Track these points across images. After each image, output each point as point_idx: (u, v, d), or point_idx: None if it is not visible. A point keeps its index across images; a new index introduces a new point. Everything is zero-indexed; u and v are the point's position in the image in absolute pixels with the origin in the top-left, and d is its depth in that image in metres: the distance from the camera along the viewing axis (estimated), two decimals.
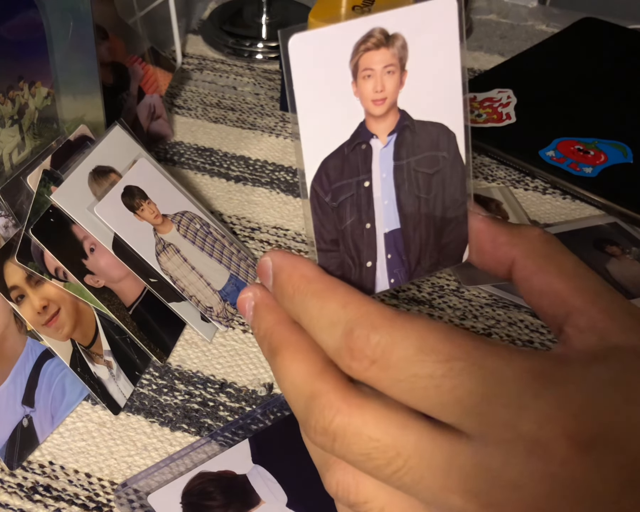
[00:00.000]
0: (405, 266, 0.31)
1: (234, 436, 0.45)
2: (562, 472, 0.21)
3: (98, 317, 0.48)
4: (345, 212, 0.29)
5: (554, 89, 0.75)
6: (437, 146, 0.30)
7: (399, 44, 0.27)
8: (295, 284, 0.26)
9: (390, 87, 0.28)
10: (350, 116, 0.28)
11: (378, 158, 0.29)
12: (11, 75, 0.45)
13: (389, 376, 0.23)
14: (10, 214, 0.46)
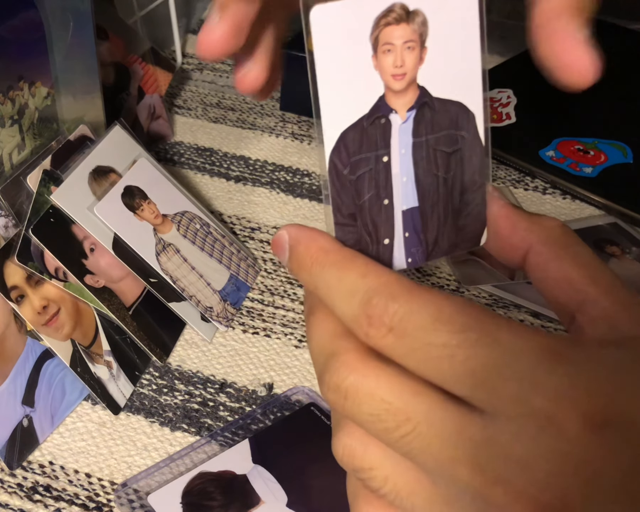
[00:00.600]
0: (423, 246, 0.31)
1: (234, 436, 0.45)
2: (574, 450, 0.21)
3: (98, 317, 0.48)
4: (363, 186, 0.29)
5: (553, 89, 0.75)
6: (456, 125, 0.30)
7: (420, 20, 0.27)
8: (313, 255, 0.26)
9: (410, 63, 0.28)
10: (370, 89, 0.28)
11: (397, 133, 0.29)
12: (11, 75, 0.45)
13: (405, 344, 0.23)
14: (10, 214, 0.46)
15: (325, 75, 0.27)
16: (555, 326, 0.53)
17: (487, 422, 0.22)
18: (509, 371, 0.22)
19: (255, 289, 0.55)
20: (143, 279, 0.49)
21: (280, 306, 0.54)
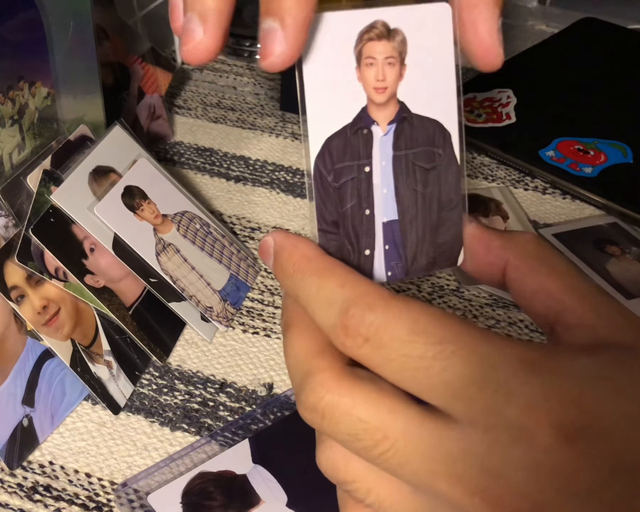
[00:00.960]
0: (402, 261, 0.32)
1: (234, 435, 0.45)
2: (546, 460, 0.21)
3: (98, 317, 0.48)
4: (346, 194, 0.30)
5: (553, 89, 0.75)
6: (434, 142, 0.31)
7: (399, 38, 0.29)
8: (295, 263, 0.26)
9: (391, 78, 0.29)
10: (353, 100, 0.29)
11: (378, 145, 0.30)
12: (11, 75, 0.45)
13: (381, 354, 0.23)
14: (11, 214, 0.46)
15: (312, 82, 0.28)
16: None
17: (463, 434, 0.22)
18: (484, 383, 0.22)
19: (255, 289, 0.55)
20: (143, 279, 0.49)
21: (280, 305, 0.54)
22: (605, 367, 0.23)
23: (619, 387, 0.22)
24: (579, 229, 0.61)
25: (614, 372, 0.23)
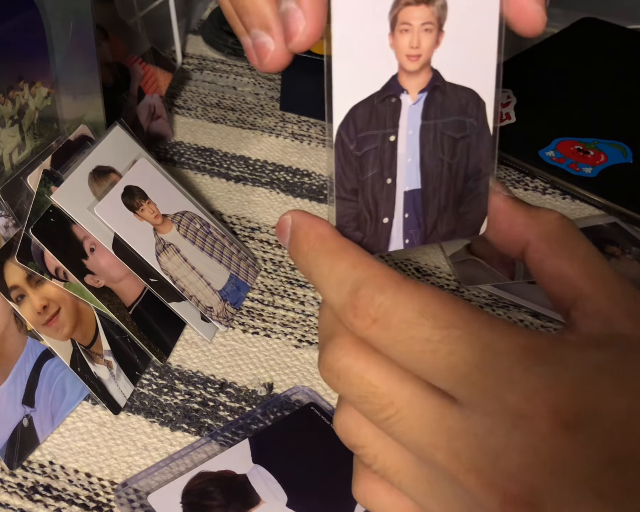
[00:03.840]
0: (422, 228, 0.31)
1: (234, 435, 0.45)
2: (543, 446, 0.22)
3: (98, 317, 0.48)
4: (367, 163, 0.29)
5: (553, 88, 0.75)
6: (466, 112, 0.30)
7: (439, 3, 0.27)
8: (311, 241, 0.27)
9: (426, 45, 0.28)
10: (383, 67, 0.28)
11: (407, 114, 0.29)
12: (11, 76, 0.45)
13: (389, 335, 0.24)
14: (11, 214, 0.46)
15: (341, 48, 0.27)
16: (555, 326, 0.53)
17: (465, 415, 0.23)
18: (488, 368, 0.23)
19: (255, 288, 0.55)
20: (143, 279, 0.49)
21: (280, 305, 0.54)
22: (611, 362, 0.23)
23: (622, 382, 0.22)
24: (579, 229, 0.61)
25: (619, 367, 0.23)
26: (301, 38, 0.26)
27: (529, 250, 0.28)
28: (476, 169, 0.31)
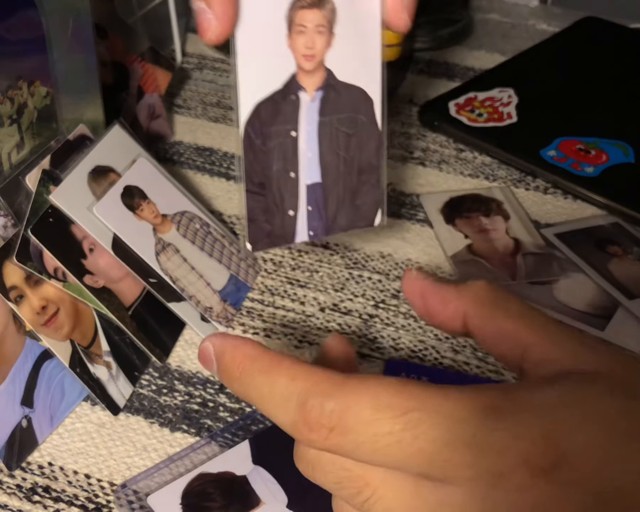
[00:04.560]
0: (324, 221, 0.34)
1: (234, 436, 0.45)
2: (525, 499, 0.22)
3: (97, 317, 0.48)
4: (273, 157, 0.31)
5: (555, 88, 0.75)
6: (357, 109, 0.33)
7: (329, 7, 0.31)
8: (239, 364, 0.26)
9: (320, 46, 0.31)
10: (283, 67, 0.31)
11: (305, 111, 0.32)
12: (10, 75, 0.45)
13: (350, 440, 0.23)
14: (9, 214, 0.45)
15: (244, 50, 0.29)
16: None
17: (440, 488, 0.23)
18: (455, 441, 0.22)
19: (255, 289, 0.55)
20: (143, 279, 0.49)
21: (280, 306, 0.54)
22: (567, 395, 0.23)
23: (583, 413, 0.23)
24: (580, 229, 0.61)
25: (576, 398, 0.23)
26: (212, 36, 0.28)
27: (467, 321, 0.29)
28: (368, 163, 0.34)
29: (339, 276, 0.56)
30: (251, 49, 0.30)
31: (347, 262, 0.57)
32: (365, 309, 0.54)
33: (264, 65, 0.30)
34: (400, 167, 0.67)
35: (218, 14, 0.28)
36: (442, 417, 0.23)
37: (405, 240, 0.60)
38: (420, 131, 0.72)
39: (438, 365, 0.50)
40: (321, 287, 0.55)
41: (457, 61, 0.83)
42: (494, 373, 0.50)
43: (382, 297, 0.55)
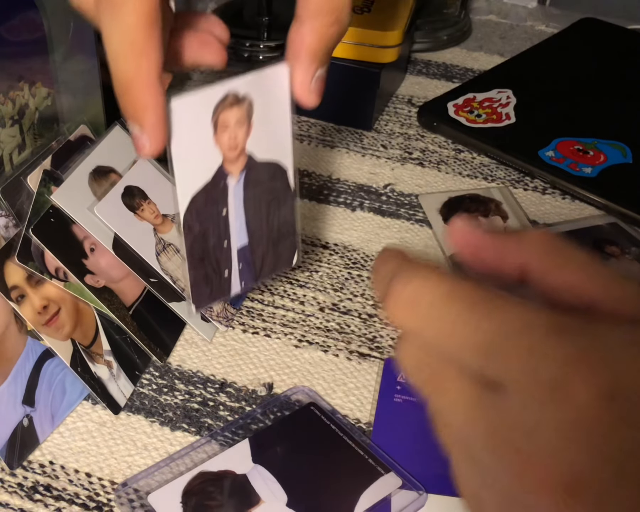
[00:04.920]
0: (252, 272, 0.40)
1: (234, 435, 0.45)
2: (582, 419, 0.21)
3: (98, 317, 0.48)
4: (209, 235, 0.37)
5: (553, 89, 0.75)
6: (274, 179, 0.39)
7: (247, 102, 0.35)
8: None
9: (241, 137, 0.36)
10: (212, 161, 0.36)
11: (232, 191, 0.37)
12: (11, 76, 0.45)
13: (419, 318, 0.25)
14: (11, 214, 0.46)
15: (178, 154, 0.34)
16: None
17: (498, 392, 0.23)
18: (519, 343, 0.23)
19: (255, 289, 0.55)
20: (143, 279, 0.49)
21: (280, 305, 0.54)
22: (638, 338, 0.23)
23: None
24: (578, 229, 0.61)
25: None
26: (147, 154, 0.32)
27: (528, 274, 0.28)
28: (285, 219, 0.40)
29: (339, 276, 0.57)
30: (184, 153, 0.34)
31: (347, 262, 0.58)
32: (365, 309, 0.54)
33: (195, 164, 0.35)
34: (399, 167, 0.68)
35: (151, 137, 0.32)
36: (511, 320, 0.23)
37: (404, 240, 0.60)
38: (419, 132, 0.72)
39: None
40: (321, 287, 0.56)
41: (456, 62, 0.83)
42: None
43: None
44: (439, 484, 0.43)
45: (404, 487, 0.42)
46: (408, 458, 0.44)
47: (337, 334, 0.52)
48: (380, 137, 0.71)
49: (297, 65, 0.35)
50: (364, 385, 0.49)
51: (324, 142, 0.70)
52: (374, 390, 0.48)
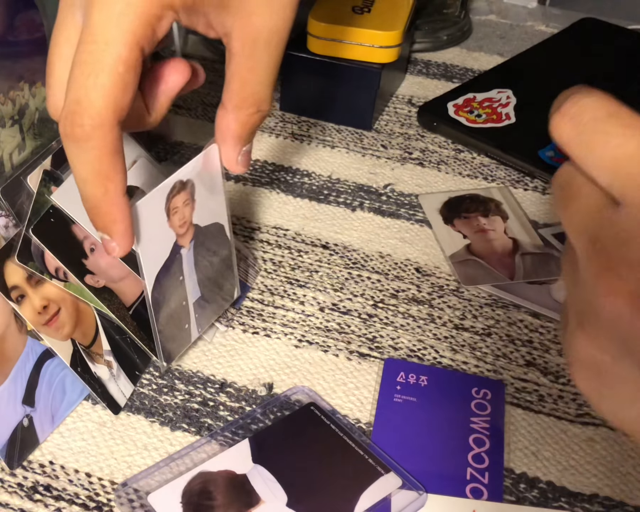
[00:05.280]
0: (206, 317, 0.47)
1: (234, 435, 0.45)
2: None
3: (98, 317, 0.48)
4: (171, 301, 0.44)
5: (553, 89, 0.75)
6: (215, 236, 0.45)
7: (190, 184, 0.42)
8: None
9: (188, 214, 0.42)
10: (168, 241, 0.42)
11: (185, 259, 0.44)
12: (12, 76, 0.45)
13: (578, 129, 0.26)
14: (11, 214, 0.46)
15: (142, 246, 0.39)
16: (556, 326, 0.53)
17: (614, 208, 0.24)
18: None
19: (255, 289, 0.55)
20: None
21: (280, 305, 0.54)
22: None
23: None
24: None
25: None
26: (117, 255, 0.37)
27: None
28: (226, 265, 0.47)
29: (339, 276, 0.57)
30: (146, 243, 0.39)
31: (347, 262, 0.58)
32: (365, 309, 0.54)
33: (155, 250, 0.41)
34: (399, 167, 0.68)
35: (120, 243, 0.36)
36: None
37: (404, 240, 0.60)
38: (419, 132, 0.72)
39: (437, 364, 0.50)
40: (320, 287, 0.56)
41: (456, 62, 0.83)
42: (492, 373, 0.50)
43: (381, 296, 0.55)
44: (439, 484, 0.43)
45: (404, 487, 0.42)
46: (408, 458, 0.44)
47: (337, 334, 0.52)
48: (380, 137, 0.71)
49: (224, 147, 0.40)
50: (364, 385, 0.49)
51: (324, 142, 0.70)
52: (374, 390, 0.49)
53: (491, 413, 0.47)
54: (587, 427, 0.47)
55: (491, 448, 0.45)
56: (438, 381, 0.49)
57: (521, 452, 0.46)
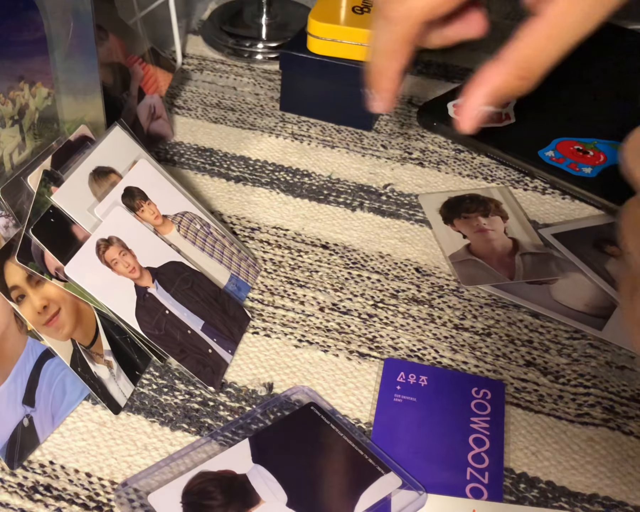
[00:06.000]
0: (228, 339, 0.50)
1: (234, 435, 0.45)
2: None
3: (98, 317, 0.48)
4: (170, 332, 0.47)
5: (553, 89, 0.75)
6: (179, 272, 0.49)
7: (114, 239, 0.47)
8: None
9: (131, 261, 0.47)
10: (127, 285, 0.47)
11: (159, 296, 0.48)
12: (12, 76, 0.45)
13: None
14: (11, 214, 0.46)
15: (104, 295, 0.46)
16: (555, 326, 0.53)
17: None
18: None
19: (256, 289, 0.55)
20: None
21: (280, 305, 0.54)
22: None
23: None
24: (578, 229, 0.61)
25: None
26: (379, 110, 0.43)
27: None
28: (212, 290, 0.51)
29: (338, 276, 0.57)
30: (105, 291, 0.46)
31: (347, 262, 0.58)
32: (365, 309, 0.54)
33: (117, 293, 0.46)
34: (399, 167, 0.68)
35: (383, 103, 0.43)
36: None
37: (404, 240, 0.60)
38: (419, 132, 0.72)
39: (436, 364, 0.50)
40: (320, 287, 0.56)
41: (456, 62, 0.83)
42: (492, 373, 0.50)
43: (381, 296, 0.55)
44: (439, 484, 0.43)
45: (404, 487, 0.42)
46: (408, 458, 0.44)
47: (337, 334, 0.52)
48: (380, 137, 0.71)
49: (472, 92, 0.40)
50: (364, 385, 0.49)
51: (324, 142, 0.70)
52: (374, 390, 0.49)
53: (491, 413, 0.47)
54: (587, 427, 0.47)
55: (491, 448, 0.45)
56: (438, 381, 0.49)
57: (521, 452, 0.46)
